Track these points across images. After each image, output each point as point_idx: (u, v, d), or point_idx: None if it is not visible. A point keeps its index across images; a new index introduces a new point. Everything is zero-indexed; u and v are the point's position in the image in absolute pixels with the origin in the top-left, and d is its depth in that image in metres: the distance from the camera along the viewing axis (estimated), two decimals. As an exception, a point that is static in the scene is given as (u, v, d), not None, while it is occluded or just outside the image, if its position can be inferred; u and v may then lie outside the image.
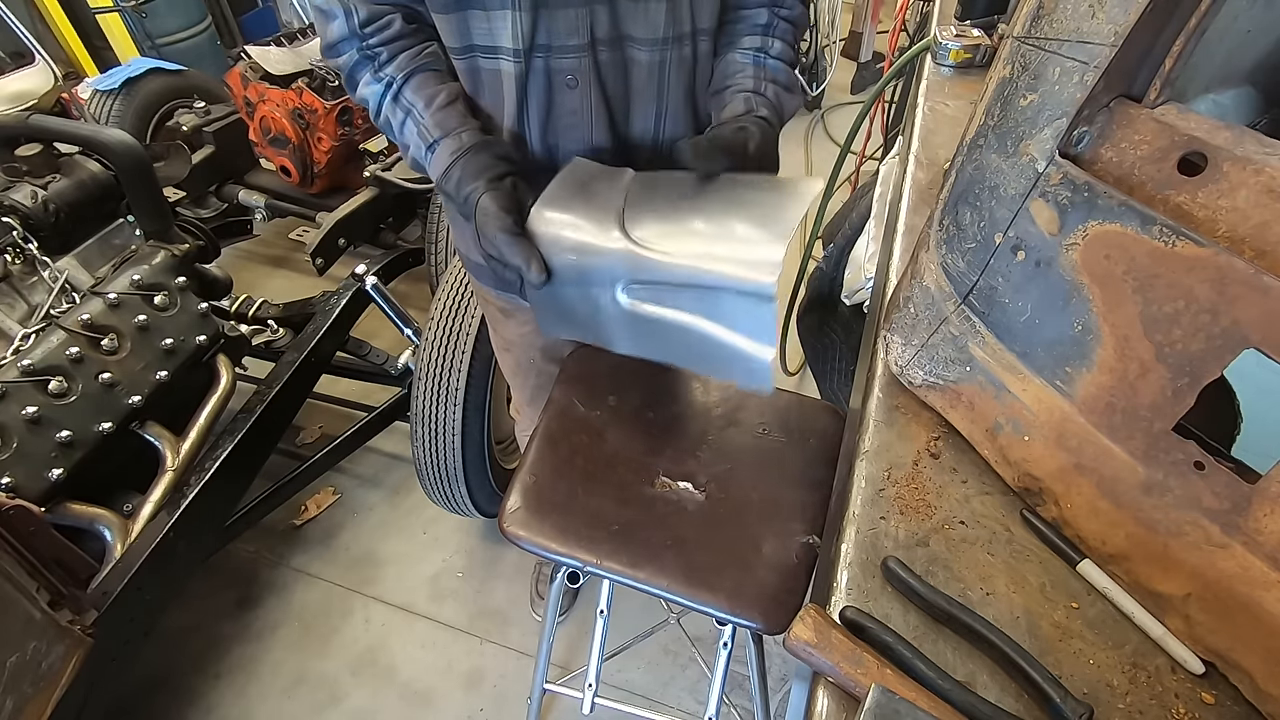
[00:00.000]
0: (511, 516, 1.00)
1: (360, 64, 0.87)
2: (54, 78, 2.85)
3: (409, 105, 0.87)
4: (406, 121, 0.87)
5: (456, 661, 1.78)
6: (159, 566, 1.41)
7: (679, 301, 0.78)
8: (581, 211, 0.81)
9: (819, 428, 1.10)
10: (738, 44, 0.92)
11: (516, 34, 0.83)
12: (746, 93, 0.88)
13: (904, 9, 2.69)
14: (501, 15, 0.82)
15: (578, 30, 0.84)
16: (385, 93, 0.87)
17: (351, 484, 2.17)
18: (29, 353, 1.39)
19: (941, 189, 0.75)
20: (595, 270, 0.80)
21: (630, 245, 0.78)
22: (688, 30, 0.89)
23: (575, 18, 0.83)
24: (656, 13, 0.85)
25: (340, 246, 2.24)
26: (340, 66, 0.89)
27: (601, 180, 0.86)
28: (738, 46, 0.92)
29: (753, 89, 0.89)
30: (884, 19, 4.07)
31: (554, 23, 0.83)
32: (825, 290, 1.77)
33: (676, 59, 0.90)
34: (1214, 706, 0.56)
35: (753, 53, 0.91)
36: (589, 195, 0.83)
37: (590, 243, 0.79)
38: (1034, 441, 0.66)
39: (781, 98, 0.90)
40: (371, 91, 0.88)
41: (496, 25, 0.83)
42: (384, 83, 0.87)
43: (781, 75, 0.92)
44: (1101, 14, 0.55)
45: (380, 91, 0.87)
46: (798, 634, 0.57)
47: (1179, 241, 0.51)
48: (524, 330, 1.24)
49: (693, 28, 0.89)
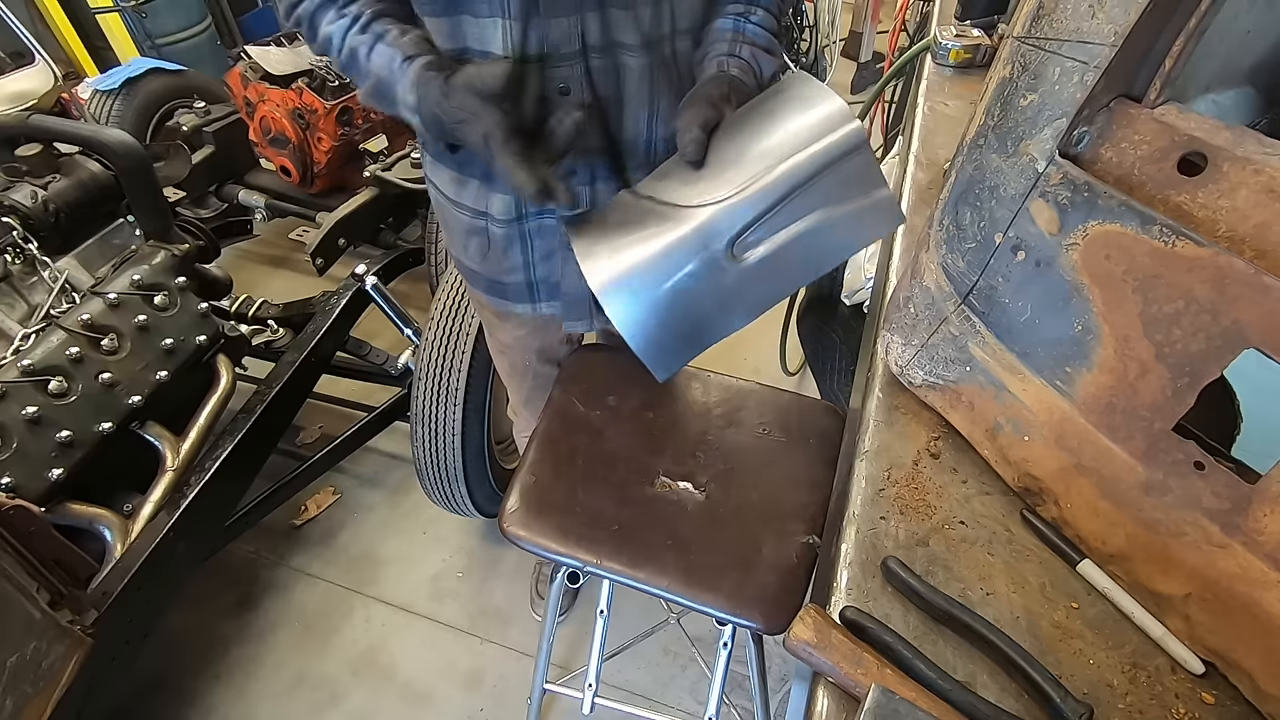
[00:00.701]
0: (511, 516, 1.00)
1: (323, 5, 0.83)
2: (54, 78, 2.85)
3: (380, 32, 0.82)
4: (377, 45, 0.81)
5: (456, 661, 1.78)
6: (159, 566, 1.41)
7: (787, 219, 0.76)
8: (638, 231, 0.80)
9: (819, 428, 1.10)
10: (721, 13, 0.92)
11: (507, 43, 0.82)
12: (721, 56, 0.88)
13: (904, 9, 2.69)
14: (492, 23, 0.81)
15: (570, 38, 0.83)
16: (351, 25, 0.82)
17: (351, 484, 2.17)
18: (29, 353, 1.39)
19: (941, 189, 0.75)
20: (695, 258, 0.78)
21: (712, 207, 0.77)
22: (667, 32, 0.89)
23: (567, 26, 0.82)
24: (644, 18, 0.85)
25: (340, 246, 2.24)
26: (301, 15, 0.85)
27: (615, 214, 0.86)
28: (720, 15, 0.92)
29: (727, 52, 0.89)
30: (884, 19, 4.07)
31: (546, 32, 0.82)
32: (825, 290, 1.77)
33: (660, 60, 0.90)
34: (1214, 706, 0.56)
35: (733, 18, 0.91)
36: (627, 223, 0.83)
37: (675, 238, 0.78)
38: (1034, 441, 0.66)
39: (759, 57, 0.90)
40: (336, 27, 0.83)
41: (487, 33, 0.82)
42: (349, 16, 0.83)
43: (760, 39, 0.91)
44: (1101, 14, 0.55)
45: (345, 25, 0.82)
46: (798, 634, 0.57)
47: (1179, 241, 0.51)
48: (519, 333, 1.24)
49: (672, 29, 0.89)
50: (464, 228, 1.05)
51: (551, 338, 1.27)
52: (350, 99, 2.35)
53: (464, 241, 1.07)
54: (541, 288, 1.10)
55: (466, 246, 1.08)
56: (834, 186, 0.74)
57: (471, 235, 1.05)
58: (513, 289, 1.10)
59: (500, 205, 0.99)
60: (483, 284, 1.13)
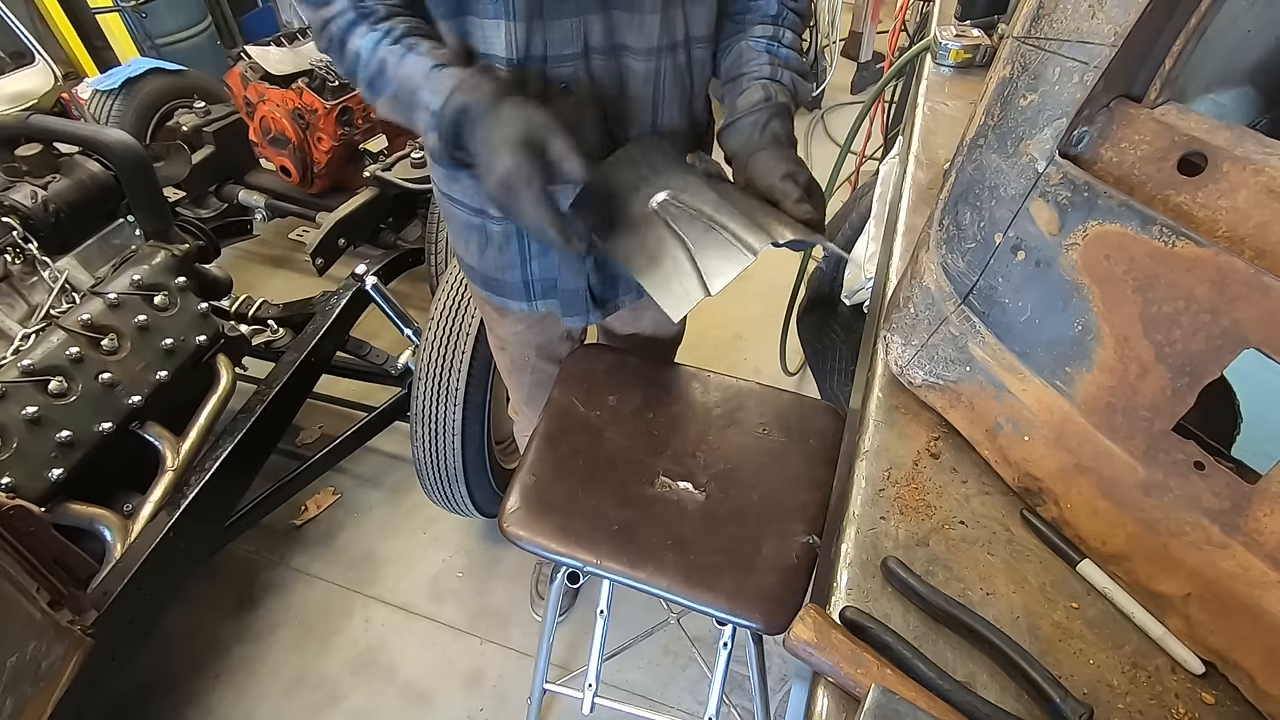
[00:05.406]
0: (511, 516, 1.00)
1: (355, 21, 0.82)
2: (54, 78, 2.85)
3: (412, 44, 0.80)
4: (408, 55, 0.79)
5: (456, 661, 1.78)
6: (159, 566, 1.41)
7: (687, 227, 0.80)
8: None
9: (819, 428, 1.10)
10: (749, 33, 0.93)
11: (511, 43, 0.82)
12: (764, 80, 0.89)
13: (904, 9, 2.70)
14: (495, 25, 0.82)
15: (572, 40, 0.84)
16: (383, 38, 0.81)
17: (351, 484, 2.17)
18: (29, 353, 1.39)
19: (941, 189, 0.75)
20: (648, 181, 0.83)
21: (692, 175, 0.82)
22: (681, 39, 0.90)
23: (570, 28, 0.83)
24: (651, 23, 0.86)
25: (340, 246, 2.24)
26: (334, 34, 0.83)
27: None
28: (749, 35, 0.93)
29: (770, 75, 0.90)
30: (884, 19, 4.06)
31: (549, 33, 0.83)
32: (825, 290, 1.77)
33: (671, 66, 0.91)
34: (1214, 706, 0.56)
35: (765, 40, 0.92)
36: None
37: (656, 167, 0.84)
38: (1034, 441, 0.66)
39: (797, 83, 0.92)
40: (367, 40, 0.81)
41: (490, 34, 0.83)
42: (381, 30, 0.81)
43: (794, 62, 0.93)
44: (1101, 14, 0.55)
45: (377, 38, 0.81)
46: (798, 634, 0.57)
47: (1179, 241, 0.51)
48: (518, 328, 1.24)
49: (686, 35, 0.90)
50: (462, 223, 1.06)
51: (551, 334, 1.27)
52: (350, 99, 2.35)
53: (464, 237, 1.08)
54: (537, 286, 1.10)
55: (466, 243, 1.08)
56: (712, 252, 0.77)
57: (470, 231, 1.06)
58: (509, 286, 1.10)
59: None
60: (480, 280, 1.14)
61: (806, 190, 0.80)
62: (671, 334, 1.42)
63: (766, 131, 0.86)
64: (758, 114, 0.87)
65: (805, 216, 0.78)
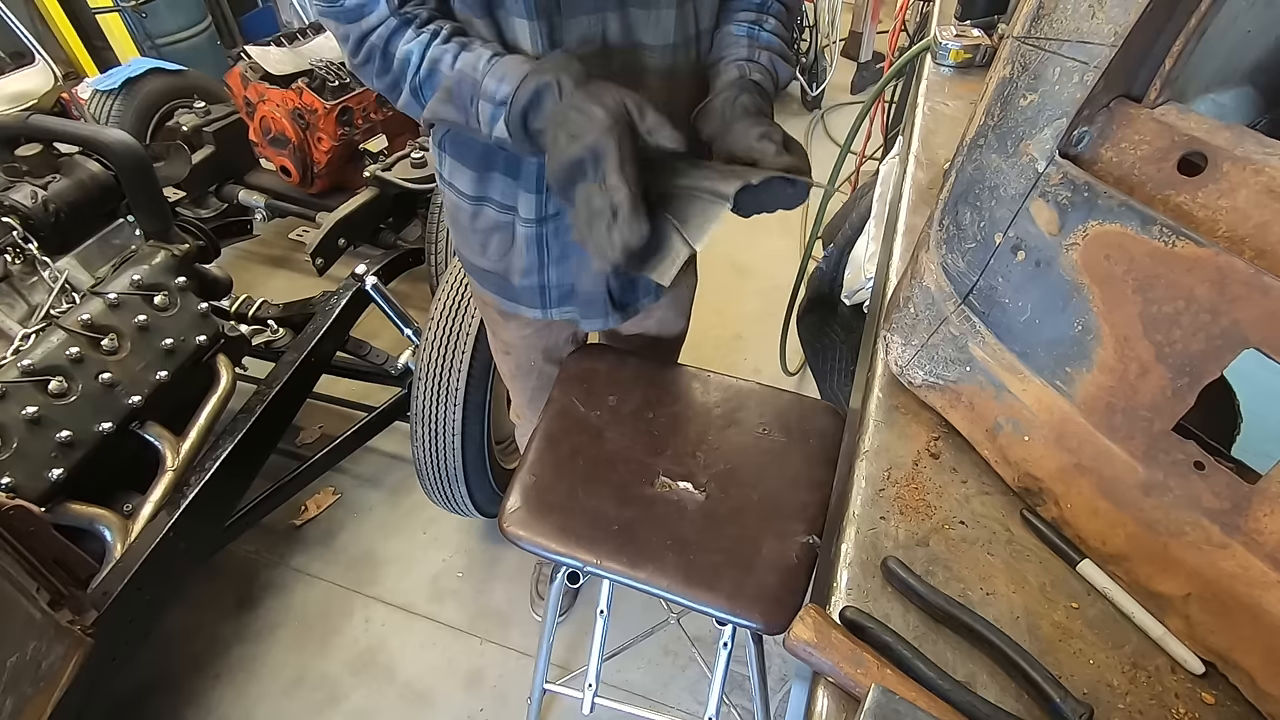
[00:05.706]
0: (511, 516, 1.00)
1: (399, 27, 0.81)
2: (54, 78, 2.85)
3: (464, 42, 0.81)
4: (462, 53, 0.80)
5: (456, 661, 1.78)
6: (159, 566, 1.41)
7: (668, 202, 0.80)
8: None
9: (819, 428, 1.10)
10: (733, 20, 0.93)
11: (536, 41, 0.83)
12: (739, 61, 0.89)
13: (904, 9, 2.70)
14: (521, 23, 0.83)
15: (590, 38, 0.85)
16: (433, 39, 0.81)
17: (351, 484, 2.17)
18: (29, 353, 1.39)
19: (941, 189, 0.75)
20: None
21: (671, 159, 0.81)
22: (693, 33, 0.91)
23: (587, 25, 0.84)
24: (666, 18, 0.86)
25: (340, 246, 2.24)
26: (375, 43, 0.82)
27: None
28: (732, 22, 0.93)
29: (746, 56, 0.89)
30: (884, 19, 4.07)
31: (568, 31, 0.84)
32: (825, 290, 1.77)
33: (685, 61, 0.92)
34: (1214, 706, 0.56)
35: (747, 25, 0.92)
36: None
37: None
38: (1034, 441, 0.66)
39: (775, 63, 0.91)
40: (416, 43, 0.81)
41: (518, 31, 0.84)
42: (429, 31, 0.81)
43: (775, 45, 0.92)
44: (1101, 14, 0.55)
45: (426, 40, 0.81)
46: (798, 634, 0.57)
47: (1179, 241, 0.51)
48: (525, 333, 1.24)
49: (697, 30, 0.91)
50: (488, 225, 1.04)
51: (557, 337, 1.27)
52: (350, 99, 2.35)
53: (483, 241, 1.07)
54: (553, 293, 1.10)
55: (486, 246, 1.07)
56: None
57: (494, 233, 1.04)
58: (524, 292, 1.10)
59: (526, 203, 0.99)
60: (494, 284, 1.13)
61: (784, 145, 0.79)
62: (676, 333, 1.42)
63: (737, 106, 0.85)
64: (728, 92, 0.86)
65: (785, 165, 0.78)
